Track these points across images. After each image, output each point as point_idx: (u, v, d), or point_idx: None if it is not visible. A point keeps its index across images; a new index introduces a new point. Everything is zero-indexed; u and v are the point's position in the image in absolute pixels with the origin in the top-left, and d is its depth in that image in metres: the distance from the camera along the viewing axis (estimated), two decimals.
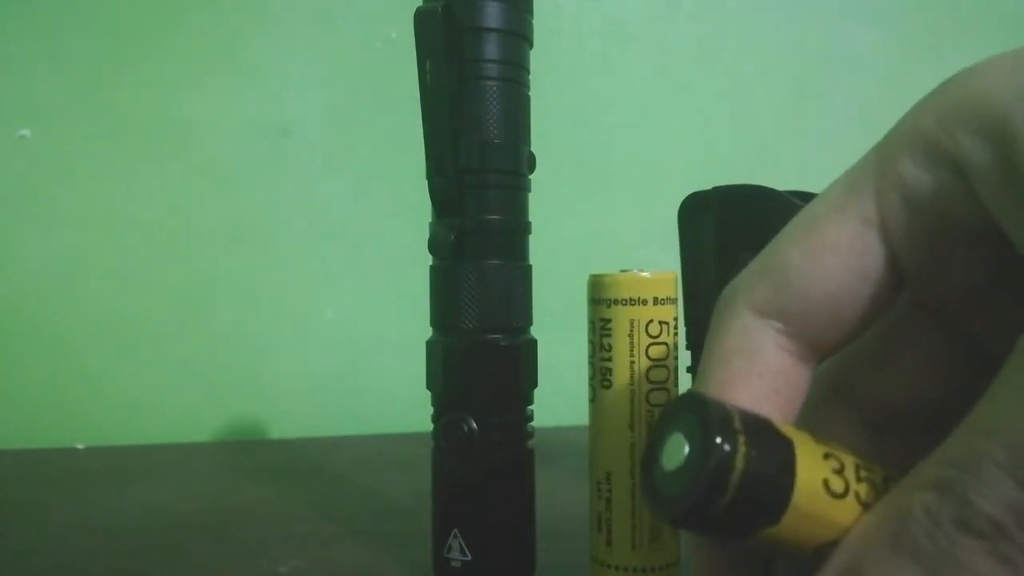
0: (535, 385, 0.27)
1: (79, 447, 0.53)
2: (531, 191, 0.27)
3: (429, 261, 0.26)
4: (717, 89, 0.63)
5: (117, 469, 0.46)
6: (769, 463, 0.13)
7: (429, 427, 0.26)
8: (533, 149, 0.27)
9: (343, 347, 0.59)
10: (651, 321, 0.22)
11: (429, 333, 0.27)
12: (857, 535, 0.13)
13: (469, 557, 0.25)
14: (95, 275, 0.57)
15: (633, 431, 0.22)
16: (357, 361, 0.59)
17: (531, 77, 0.27)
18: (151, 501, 0.39)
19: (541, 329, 0.27)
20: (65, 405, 0.56)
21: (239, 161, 0.58)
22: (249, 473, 0.44)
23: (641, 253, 0.60)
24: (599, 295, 0.23)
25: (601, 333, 0.23)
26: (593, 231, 0.61)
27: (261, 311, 0.58)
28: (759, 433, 0.13)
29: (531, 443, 0.27)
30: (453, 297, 0.25)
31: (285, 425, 0.57)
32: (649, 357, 0.22)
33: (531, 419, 0.27)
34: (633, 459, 0.22)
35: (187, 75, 0.57)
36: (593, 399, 0.23)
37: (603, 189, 0.62)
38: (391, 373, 0.57)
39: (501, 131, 0.25)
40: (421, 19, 0.25)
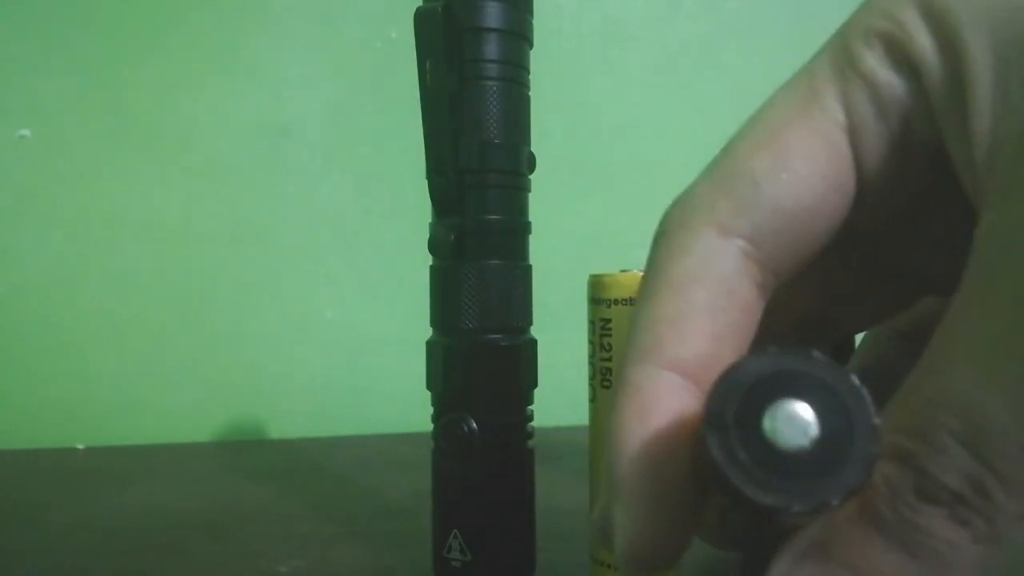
0: (535, 385, 0.27)
1: (79, 447, 0.53)
2: (531, 191, 0.27)
3: (429, 261, 0.26)
4: (717, 89, 0.63)
5: (117, 469, 0.46)
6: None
7: (429, 427, 0.26)
8: (533, 149, 0.27)
9: (343, 347, 0.59)
10: None
11: (429, 333, 0.27)
12: None
13: (469, 557, 0.25)
14: (95, 275, 0.57)
15: None
16: (357, 361, 0.59)
17: (531, 77, 0.27)
18: (151, 501, 0.39)
19: (541, 329, 0.27)
20: (65, 405, 0.56)
21: (239, 161, 0.58)
22: (249, 473, 0.44)
23: (641, 253, 0.60)
24: (599, 295, 0.23)
25: (601, 333, 0.23)
26: (593, 231, 0.61)
27: (261, 311, 0.58)
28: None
29: (531, 443, 0.27)
30: (453, 297, 0.25)
31: (285, 425, 0.57)
32: None
33: (531, 419, 0.27)
34: None
35: (187, 75, 0.57)
36: (593, 399, 0.23)
37: (603, 189, 0.62)
38: (391, 373, 0.57)
39: (501, 131, 0.25)
40: (421, 19, 0.25)
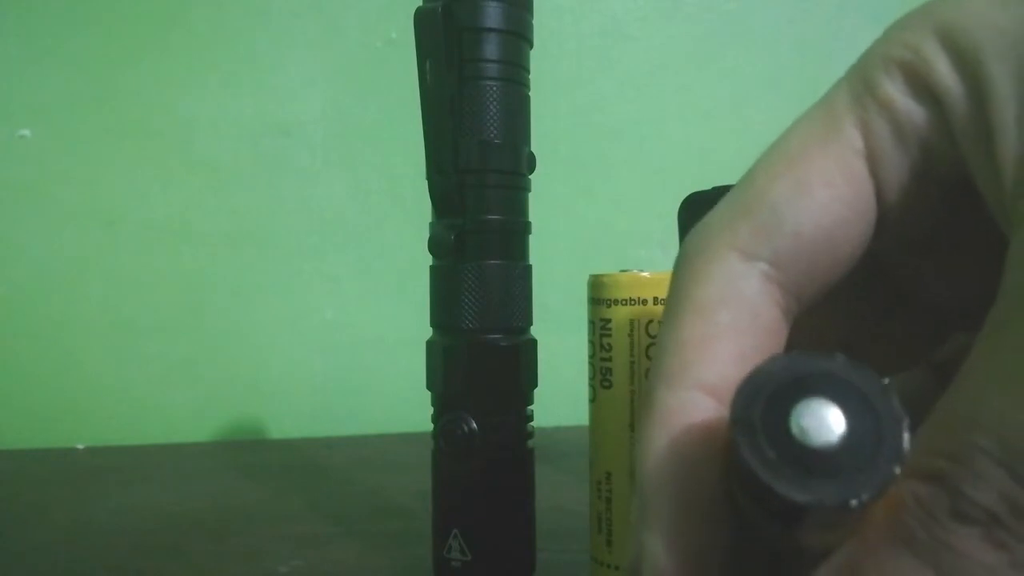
0: (535, 385, 0.27)
1: (79, 447, 0.53)
2: (531, 191, 0.27)
3: (429, 261, 0.26)
4: (717, 89, 0.63)
5: (117, 469, 0.46)
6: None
7: (429, 427, 0.26)
8: (533, 149, 0.27)
9: (343, 347, 0.59)
10: (651, 321, 0.22)
11: (429, 333, 0.27)
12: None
13: (469, 557, 0.25)
14: (95, 275, 0.57)
15: (633, 431, 0.22)
16: (357, 361, 0.59)
17: (531, 77, 0.27)
18: (151, 501, 0.39)
19: (541, 329, 0.27)
20: (65, 405, 0.56)
21: (239, 161, 0.58)
22: (249, 473, 0.44)
23: (641, 253, 0.60)
24: (599, 295, 0.23)
25: (601, 333, 0.23)
26: (593, 231, 0.61)
27: (261, 311, 0.58)
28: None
29: (531, 443, 0.27)
30: (453, 297, 0.25)
31: (285, 425, 0.57)
32: (649, 357, 0.22)
33: (531, 419, 0.27)
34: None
35: (188, 75, 0.57)
36: (593, 399, 0.23)
37: (603, 189, 0.62)
38: (391, 373, 0.57)
39: (501, 131, 0.25)
40: (421, 19, 0.25)
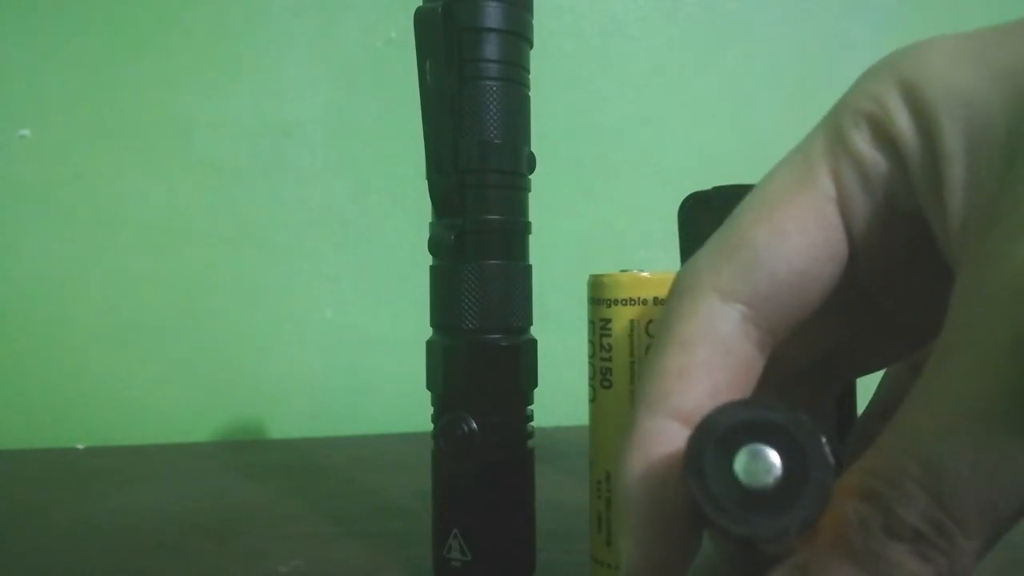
0: (535, 385, 0.27)
1: (79, 447, 0.53)
2: (531, 191, 0.27)
3: (429, 261, 0.26)
4: (717, 89, 0.63)
5: (117, 469, 0.46)
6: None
7: (429, 427, 0.26)
8: (533, 149, 0.27)
9: (343, 347, 0.59)
10: (651, 321, 0.22)
11: (429, 333, 0.27)
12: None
13: (469, 557, 0.25)
14: (95, 275, 0.57)
15: None
16: (357, 361, 0.59)
17: (531, 77, 0.27)
18: (151, 501, 0.39)
19: (541, 329, 0.27)
20: (65, 405, 0.56)
21: (239, 161, 0.58)
22: (249, 473, 0.44)
23: (641, 253, 0.60)
24: (599, 295, 0.23)
25: (601, 333, 0.23)
26: (593, 231, 0.61)
27: (261, 311, 0.58)
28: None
29: (531, 443, 0.27)
30: (453, 297, 0.25)
31: (285, 425, 0.57)
32: None
33: (531, 419, 0.27)
34: None
35: (187, 75, 0.57)
36: (593, 399, 0.23)
37: (603, 189, 0.62)
38: (391, 373, 0.57)
39: (501, 131, 0.25)
40: (421, 19, 0.25)
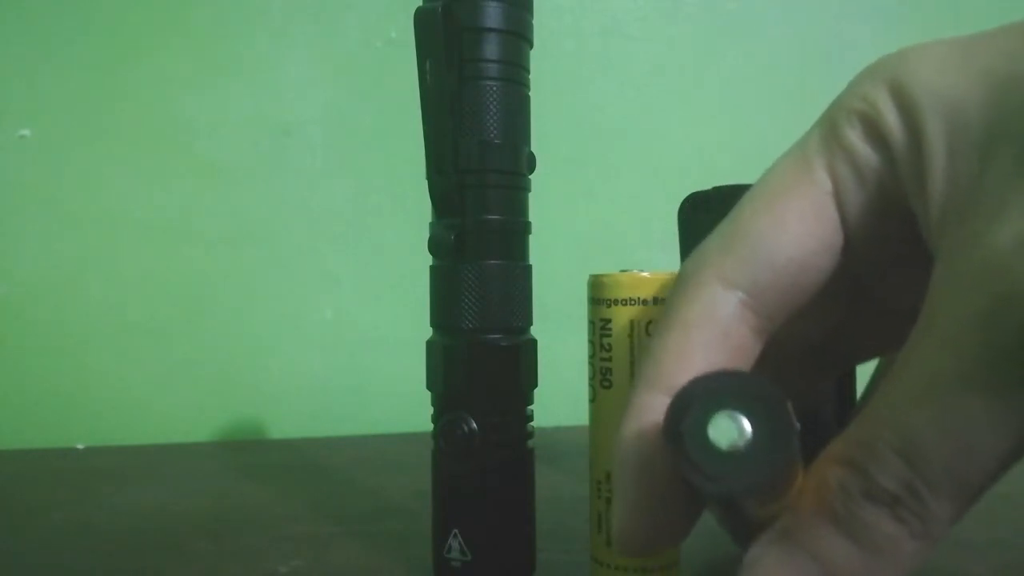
0: (535, 385, 0.27)
1: (79, 447, 0.53)
2: (531, 191, 0.27)
3: (429, 261, 0.26)
4: (717, 89, 0.63)
5: (117, 469, 0.46)
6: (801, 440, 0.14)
7: (429, 427, 0.26)
8: (533, 149, 0.27)
9: (343, 347, 0.59)
10: (651, 321, 0.22)
11: (429, 333, 0.27)
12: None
13: (469, 557, 0.25)
14: (95, 275, 0.57)
15: None
16: (357, 361, 0.59)
17: (531, 77, 0.27)
18: (151, 501, 0.39)
19: (541, 329, 0.27)
20: (65, 405, 0.56)
21: (239, 161, 0.58)
22: (249, 473, 0.44)
23: (642, 254, 0.60)
24: (599, 295, 0.23)
25: (601, 333, 0.23)
26: (593, 231, 0.61)
27: (261, 311, 0.58)
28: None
29: (531, 443, 0.27)
30: (453, 297, 0.25)
31: (285, 425, 0.57)
32: None
33: (531, 419, 0.27)
34: None
35: (187, 75, 0.57)
36: (593, 399, 0.23)
37: (603, 189, 0.62)
38: (391, 373, 0.57)
39: (501, 131, 0.25)
40: (421, 19, 0.25)
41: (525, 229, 0.27)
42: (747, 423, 0.13)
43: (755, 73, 0.64)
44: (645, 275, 0.22)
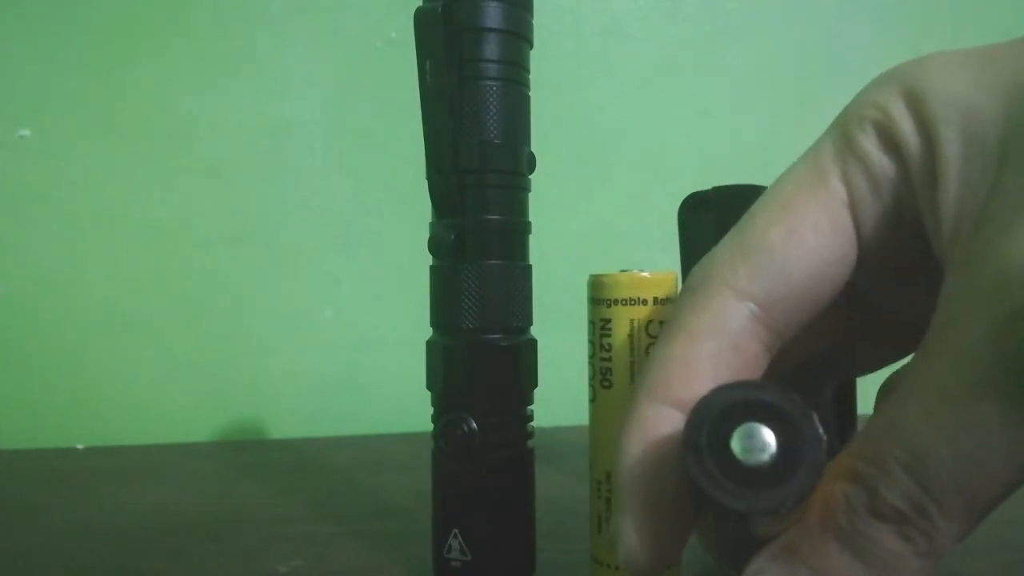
0: (535, 385, 0.27)
1: (79, 447, 0.53)
2: (531, 191, 0.27)
3: (429, 261, 0.26)
4: (717, 89, 0.63)
5: (117, 469, 0.46)
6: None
7: (429, 427, 0.26)
8: (533, 149, 0.27)
9: (343, 347, 0.59)
10: (651, 321, 0.22)
11: (429, 333, 0.27)
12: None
13: (469, 557, 0.25)
14: (95, 275, 0.57)
15: None
16: (357, 361, 0.59)
17: (531, 77, 0.27)
18: (151, 501, 0.39)
19: (541, 329, 0.27)
20: (65, 405, 0.56)
21: (239, 161, 0.58)
22: (249, 473, 0.44)
23: (642, 254, 0.60)
24: (599, 295, 0.23)
25: (601, 333, 0.23)
26: (593, 231, 0.61)
27: (261, 311, 0.58)
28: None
29: (531, 443, 0.27)
30: (453, 297, 0.25)
31: (285, 425, 0.57)
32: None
33: (531, 419, 0.27)
34: None
35: (187, 75, 0.57)
36: (593, 399, 0.23)
37: (603, 189, 0.62)
38: (391, 373, 0.57)
39: (501, 131, 0.25)
40: (421, 19, 0.25)
41: (525, 229, 0.27)
42: (771, 436, 0.13)
43: (755, 73, 0.64)
44: (645, 275, 0.22)
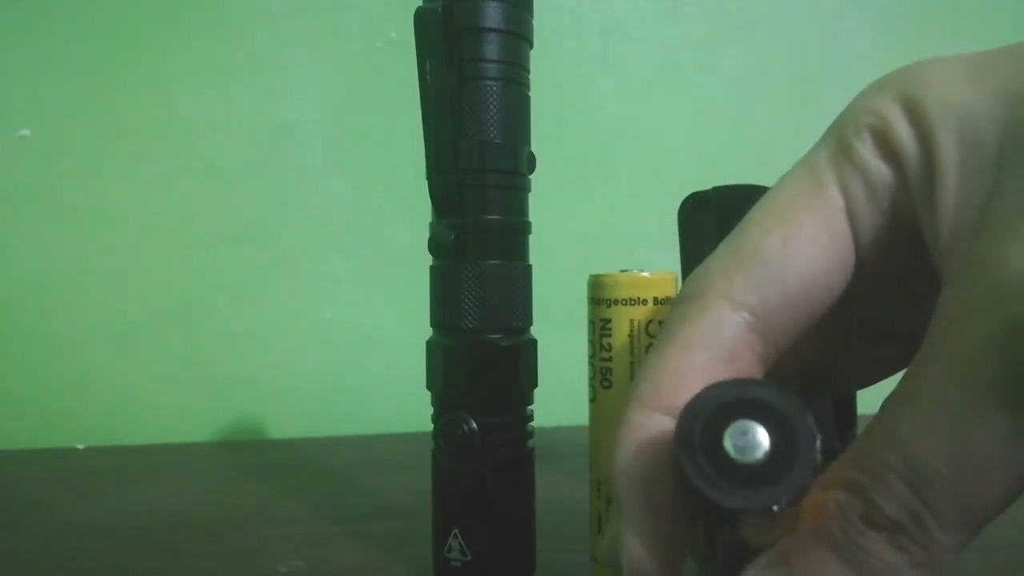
0: (535, 385, 0.27)
1: (79, 447, 0.53)
2: (531, 191, 0.27)
3: (429, 261, 0.26)
4: (717, 89, 0.63)
5: (117, 469, 0.46)
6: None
7: (429, 427, 0.26)
8: (533, 149, 0.27)
9: (343, 347, 0.59)
10: (651, 321, 0.22)
11: (429, 333, 0.27)
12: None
13: (469, 557, 0.25)
14: (95, 275, 0.57)
15: None
16: (357, 361, 0.59)
17: (531, 77, 0.27)
18: (151, 501, 0.39)
19: (541, 329, 0.27)
20: (65, 405, 0.56)
21: (239, 161, 0.58)
22: (249, 473, 0.44)
23: (642, 254, 0.60)
24: (599, 295, 0.23)
25: (601, 333, 0.23)
26: (593, 231, 0.61)
27: (261, 311, 0.58)
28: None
29: (531, 443, 0.27)
30: (453, 297, 0.25)
31: (285, 425, 0.57)
32: None
33: (531, 419, 0.27)
34: None
35: (187, 75, 0.57)
36: (593, 399, 0.23)
37: (603, 189, 0.62)
38: (391, 373, 0.57)
39: (501, 131, 0.25)
40: (421, 19, 0.25)
41: (525, 229, 0.27)
42: (764, 434, 0.13)
43: (755, 73, 0.64)
44: (645, 275, 0.22)
